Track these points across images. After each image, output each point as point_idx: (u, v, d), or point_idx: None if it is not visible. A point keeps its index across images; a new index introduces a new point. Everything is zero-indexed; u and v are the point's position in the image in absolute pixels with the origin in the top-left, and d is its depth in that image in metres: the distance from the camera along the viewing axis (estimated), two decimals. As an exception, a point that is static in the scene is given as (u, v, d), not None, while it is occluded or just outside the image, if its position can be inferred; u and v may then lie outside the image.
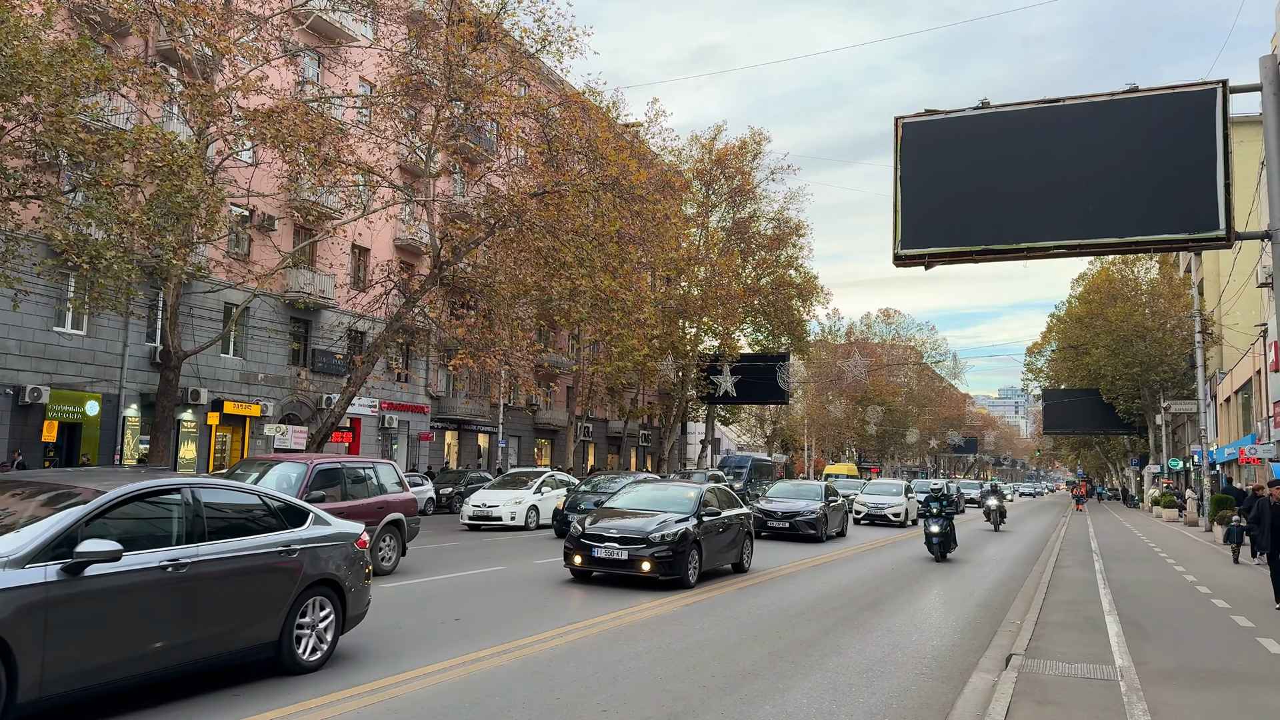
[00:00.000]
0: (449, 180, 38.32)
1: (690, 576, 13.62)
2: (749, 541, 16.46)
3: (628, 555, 13.28)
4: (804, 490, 26.16)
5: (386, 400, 37.77)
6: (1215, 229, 16.75)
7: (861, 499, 33.46)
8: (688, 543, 13.62)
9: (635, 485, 16.98)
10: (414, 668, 8.05)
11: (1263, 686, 8.04)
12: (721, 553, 15.10)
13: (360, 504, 14.09)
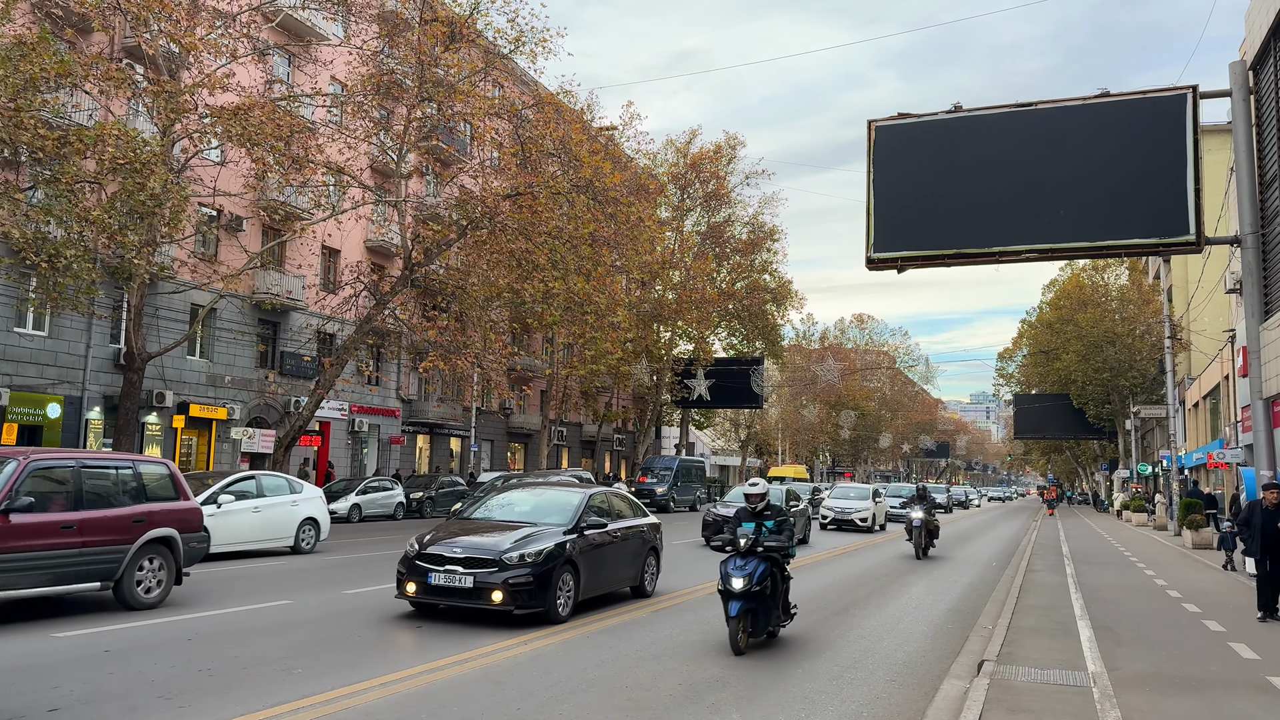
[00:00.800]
0: (421, 181, 37.97)
1: (561, 608, 10.62)
2: (654, 559, 13.47)
3: (474, 582, 10.13)
4: (773, 493, 25.57)
5: (357, 403, 37.34)
6: (1185, 234, 16.87)
7: (828, 503, 32.74)
8: (558, 563, 10.58)
9: (506, 490, 13.53)
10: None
11: (1236, 692, 7.96)
12: (612, 574, 12.18)
13: (102, 515, 10.61)
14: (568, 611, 10.80)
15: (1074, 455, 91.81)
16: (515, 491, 13.15)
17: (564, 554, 10.75)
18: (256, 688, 7.41)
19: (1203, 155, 17.61)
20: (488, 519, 11.87)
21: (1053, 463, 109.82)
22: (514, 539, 10.69)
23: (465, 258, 30.11)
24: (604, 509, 12.32)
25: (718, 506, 24.87)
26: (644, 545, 13.03)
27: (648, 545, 13.16)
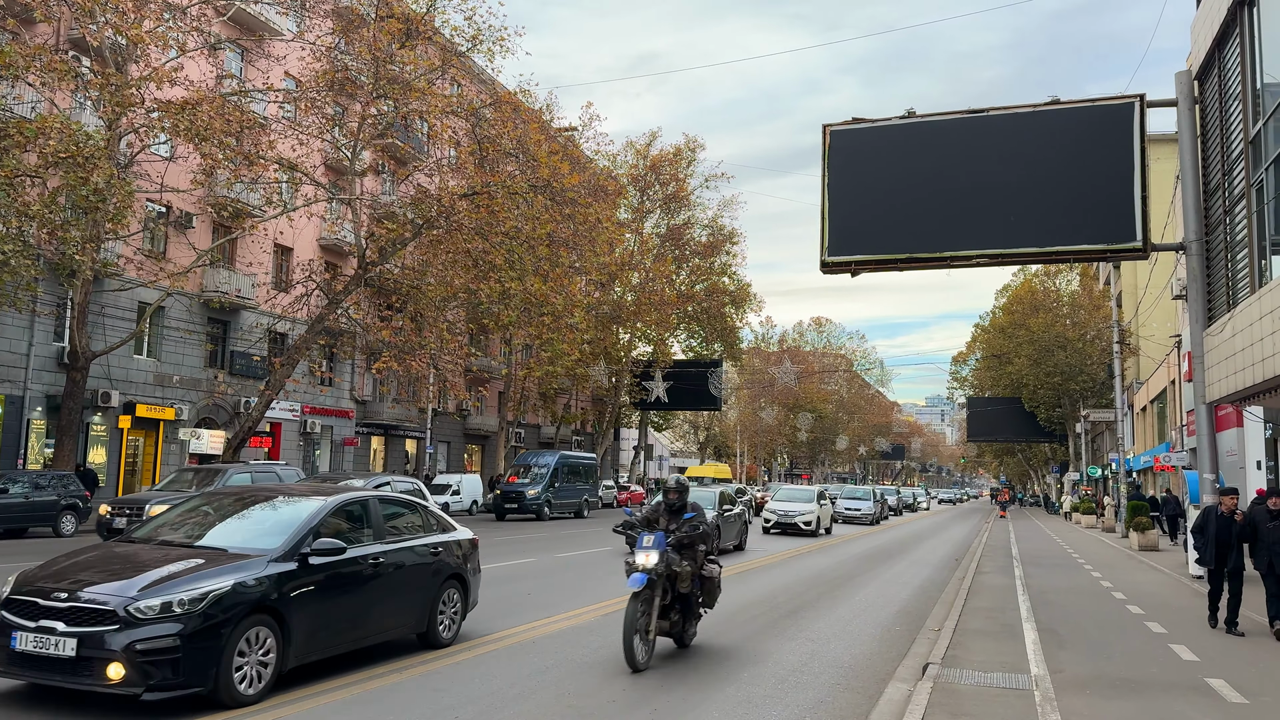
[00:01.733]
0: (376, 179, 37.56)
1: (243, 683, 6.89)
2: (459, 592, 9.66)
3: (76, 648, 6.43)
4: (703, 498, 21.41)
5: (309, 404, 36.80)
6: (1132, 240, 17.13)
7: (772, 506, 31.35)
8: (236, 614, 6.85)
9: (213, 495, 9.37)
10: None
11: (1174, 695, 8.05)
12: (370, 620, 8.33)
13: None
14: (262, 686, 7.06)
15: (1025, 458, 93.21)
16: (216, 498, 9.04)
17: (251, 598, 6.97)
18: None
19: (1150, 163, 17.90)
20: (156, 540, 7.93)
21: (1005, 465, 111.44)
22: (157, 576, 6.84)
23: (421, 257, 29.84)
24: (359, 524, 8.60)
25: None
26: (435, 575, 9.27)
27: (443, 575, 9.40)
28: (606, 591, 13.55)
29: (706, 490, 23.22)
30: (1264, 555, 11.25)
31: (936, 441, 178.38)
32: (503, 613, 11.39)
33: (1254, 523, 11.41)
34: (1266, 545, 11.21)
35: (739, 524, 22.95)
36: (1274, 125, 14.39)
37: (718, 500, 21.52)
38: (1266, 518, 11.24)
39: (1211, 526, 11.88)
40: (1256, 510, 11.49)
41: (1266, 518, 11.24)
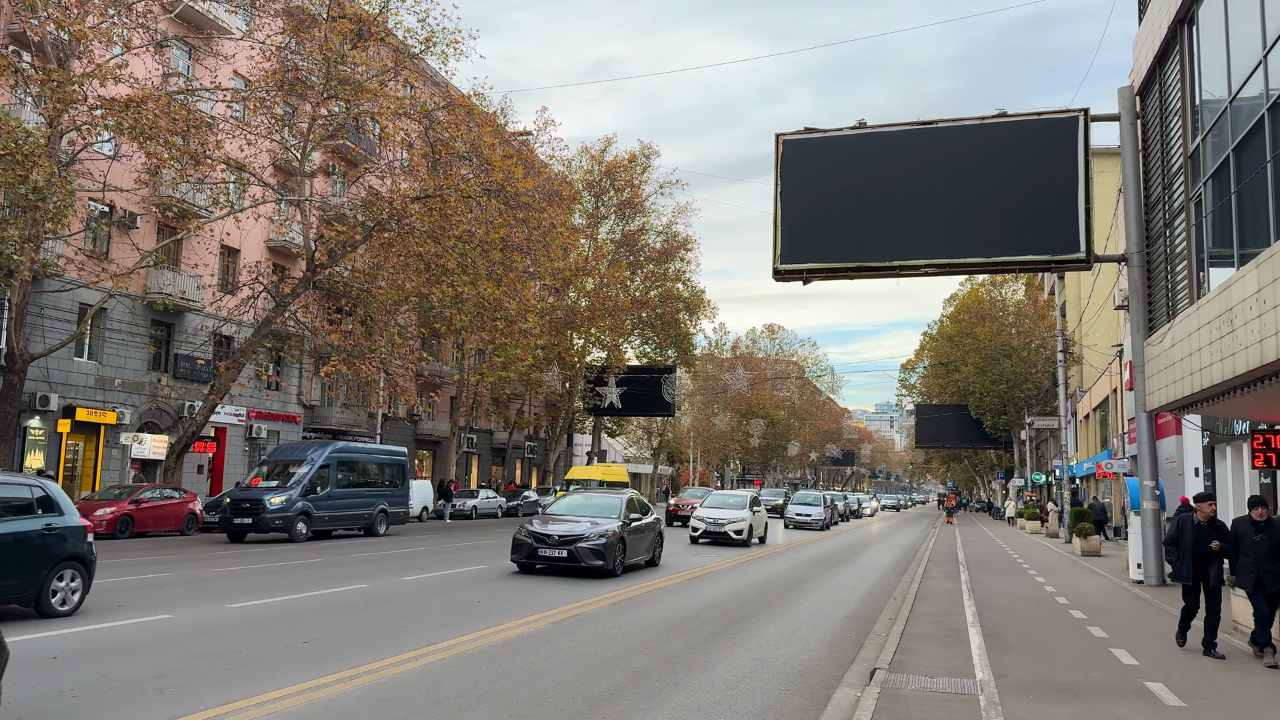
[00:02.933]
0: (326, 180, 37.07)
1: None
2: None
3: None
4: (598, 505, 18.64)
5: (255, 409, 36.16)
6: (1076, 251, 17.49)
7: (700, 513, 28.44)
8: None
9: None
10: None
11: (1115, 698, 8.20)
12: None
13: None
14: None
15: (972, 464, 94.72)
16: None
17: None
18: (122, 711, 7.00)
19: (1094, 176, 18.31)
20: None
21: (952, 471, 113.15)
22: None
23: (371, 260, 29.54)
24: None
25: (535, 522, 17.76)
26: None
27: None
28: None
29: (611, 497, 19.31)
30: (1249, 571, 10.21)
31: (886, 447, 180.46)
32: (451, 621, 11.26)
33: (1236, 536, 10.46)
34: (1253, 559, 10.17)
35: (651, 535, 19.37)
36: (1212, 140, 14.79)
37: (624, 508, 18.20)
38: (1250, 529, 10.24)
39: (1188, 538, 10.82)
40: (1238, 521, 10.57)
41: (1250, 529, 10.24)
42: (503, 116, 41.61)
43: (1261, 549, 10.10)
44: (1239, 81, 13.39)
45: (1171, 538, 11.20)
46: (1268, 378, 11.77)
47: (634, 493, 20.03)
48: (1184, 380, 14.87)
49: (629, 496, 19.09)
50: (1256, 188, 12.71)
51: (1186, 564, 10.84)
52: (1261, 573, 10.07)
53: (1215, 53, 14.65)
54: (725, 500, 30.06)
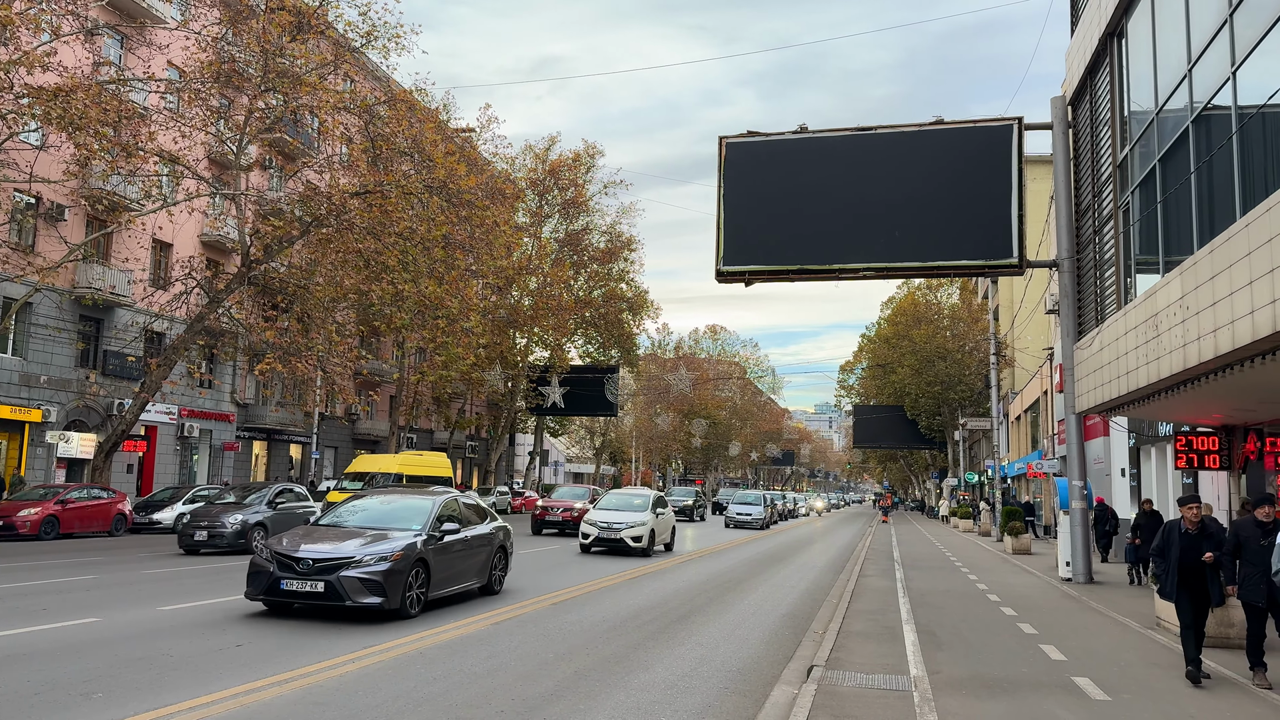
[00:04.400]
0: (263, 174, 36.35)
1: None
2: None
3: None
4: (391, 512, 13.02)
5: (187, 407, 35.34)
6: (1009, 257, 17.91)
7: (592, 516, 23.92)
8: None
9: None
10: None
11: (1043, 693, 8.42)
12: None
13: None
14: None
15: (907, 464, 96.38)
16: None
17: None
18: (49, 719, 6.80)
19: (1027, 183, 18.79)
20: None
21: (888, 471, 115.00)
22: None
23: (309, 256, 29.03)
24: None
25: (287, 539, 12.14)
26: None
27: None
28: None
29: (418, 500, 13.38)
30: (1257, 582, 8.79)
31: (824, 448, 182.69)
32: (389, 622, 11.13)
33: (1237, 541, 9.10)
34: (1259, 569, 8.73)
35: (484, 553, 13.85)
36: (1140, 150, 15.26)
37: (431, 516, 12.63)
38: (1255, 533, 8.92)
39: (1175, 549, 9.38)
40: (1240, 524, 9.26)
41: (1255, 533, 8.92)
42: (445, 113, 41.23)
43: (1271, 556, 8.39)
44: (1165, 94, 13.84)
45: (1158, 548, 9.72)
46: (1191, 381, 12.19)
47: (456, 494, 14.46)
48: (1112, 383, 15.32)
49: (444, 499, 13.48)
50: (1181, 197, 13.15)
51: (1172, 578, 9.36)
52: (1272, 586, 8.59)
53: (1143, 65, 15.11)
54: (624, 500, 25.35)
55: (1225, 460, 16.63)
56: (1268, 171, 10.46)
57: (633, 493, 26.49)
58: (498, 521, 14.84)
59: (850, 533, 43.81)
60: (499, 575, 14.49)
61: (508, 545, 15.02)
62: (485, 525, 14.30)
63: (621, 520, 23.42)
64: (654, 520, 24.11)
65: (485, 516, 14.58)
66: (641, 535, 23.16)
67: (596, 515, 23.96)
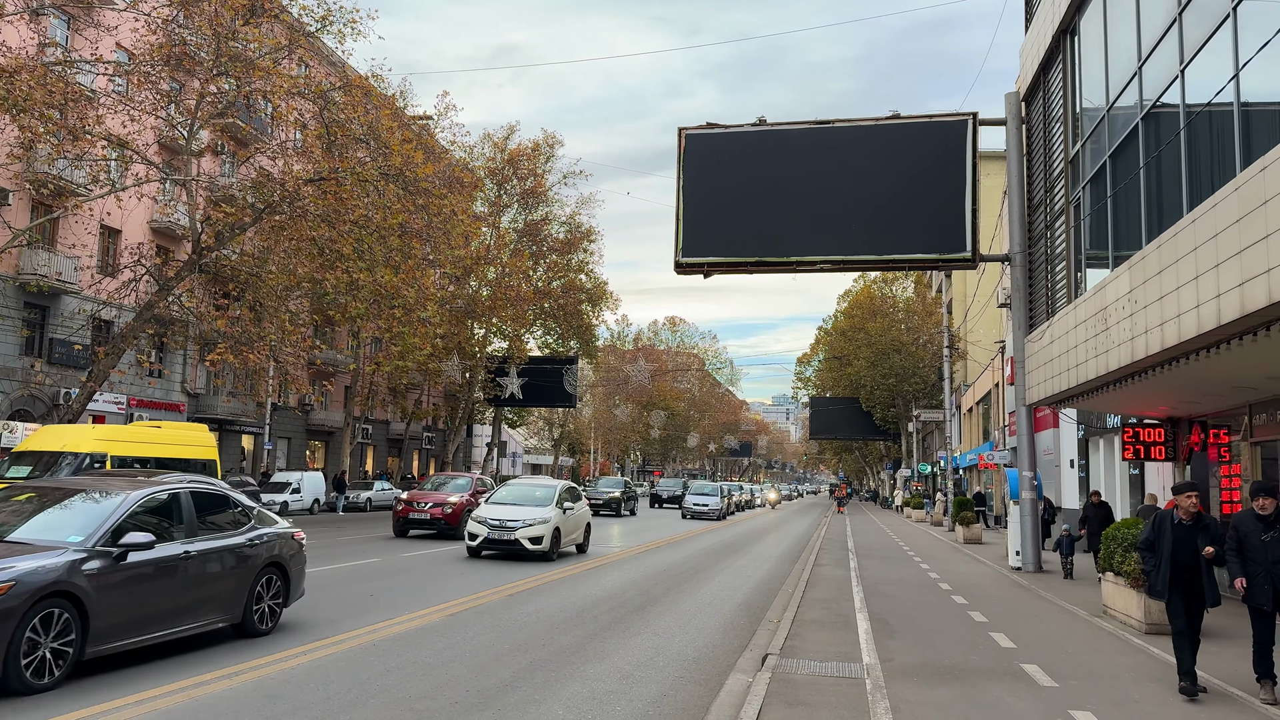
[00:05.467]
0: (214, 160, 35.69)
1: None
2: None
3: None
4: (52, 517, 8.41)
5: (135, 397, 34.65)
6: (963, 251, 18.14)
7: (482, 513, 19.48)
8: None
9: None
10: (128, 695, 6.96)
11: (993, 680, 8.56)
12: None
13: None
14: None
15: (862, 455, 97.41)
16: None
17: None
18: (-13, 712, 6.61)
19: (981, 178, 19.02)
20: None
21: (844, 462, 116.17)
22: None
23: (262, 243, 28.56)
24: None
25: None
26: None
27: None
28: (453, 590, 13.29)
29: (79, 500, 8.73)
30: (1261, 582, 7.91)
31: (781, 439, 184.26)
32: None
33: (1239, 536, 8.11)
34: (1263, 566, 7.88)
35: (236, 577, 9.55)
36: (1091, 146, 15.52)
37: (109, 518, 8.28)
38: (1257, 527, 8.00)
39: (1166, 542, 8.41)
40: (1240, 518, 8.31)
41: (1257, 527, 8.00)
42: (402, 99, 40.72)
43: (1274, 552, 7.84)
44: (1116, 91, 14.09)
45: (1147, 541, 8.71)
46: (1138, 374, 12.44)
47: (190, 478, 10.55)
48: (1061, 376, 15.59)
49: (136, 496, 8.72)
50: (1130, 193, 13.41)
51: (1163, 574, 8.40)
52: (1278, 582, 7.83)
53: (1095, 63, 15.37)
54: (523, 492, 20.85)
55: (1170, 452, 17.02)
56: (1214, 169, 10.69)
57: (535, 483, 22.25)
58: (276, 526, 10.47)
59: (806, 523, 44.20)
60: (266, 609, 9.90)
61: (286, 562, 10.28)
62: (239, 534, 9.74)
63: (518, 518, 19.01)
64: (559, 517, 19.71)
65: (243, 522, 9.96)
66: (542, 535, 18.77)
67: (487, 512, 19.50)
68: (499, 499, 20.62)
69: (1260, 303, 8.22)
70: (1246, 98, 9.78)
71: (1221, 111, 10.35)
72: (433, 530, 24.32)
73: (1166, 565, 8.36)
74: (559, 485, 21.24)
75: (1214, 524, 8.45)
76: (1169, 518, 8.49)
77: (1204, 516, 8.43)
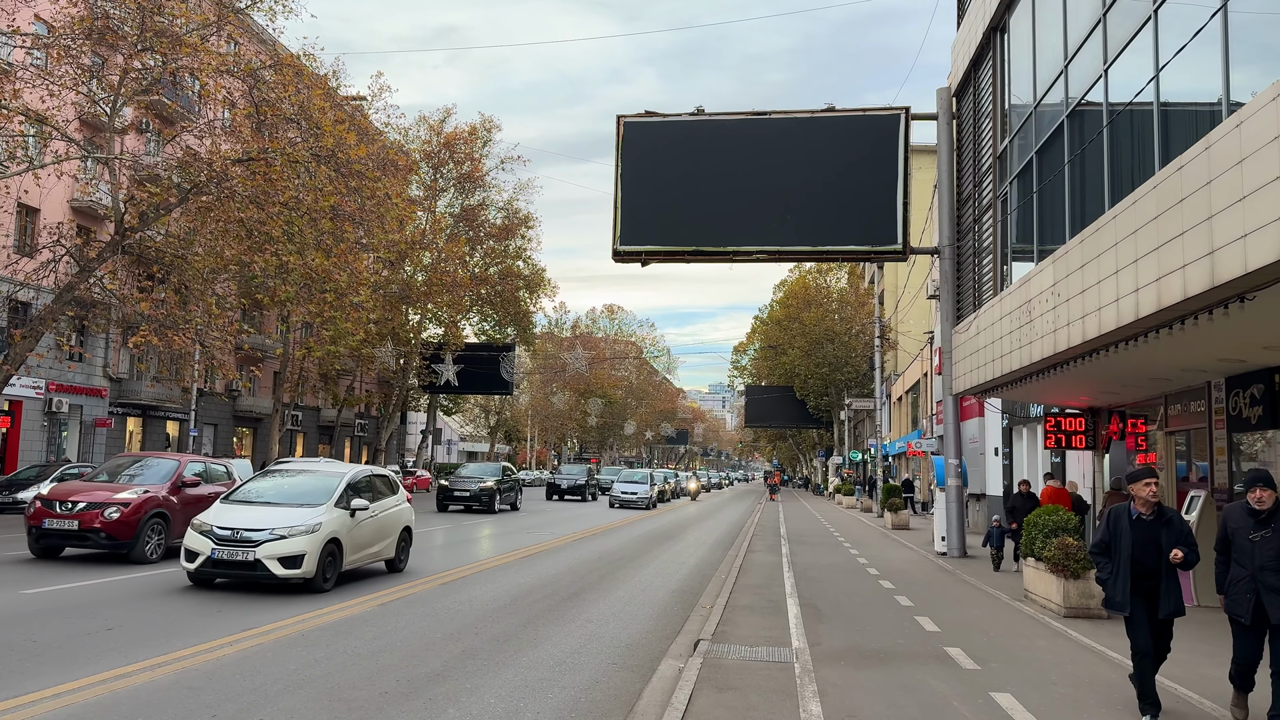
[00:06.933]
0: (139, 138, 34.61)
1: None
2: None
3: None
4: None
5: (55, 381, 33.52)
6: (894, 243, 18.44)
7: (208, 518, 12.55)
8: None
9: None
10: (44, 689, 6.75)
11: (918, 663, 8.77)
12: None
13: None
14: None
15: (796, 443, 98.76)
16: None
17: None
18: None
19: (913, 172, 19.33)
20: None
21: (778, 450, 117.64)
22: None
23: (188, 225, 27.84)
24: None
25: None
26: None
27: None
28: (384, 579, 13.13)
29: None
30: (1245, 588, 6.54)
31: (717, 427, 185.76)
32: (271, 604, 10.83)
33: (1227, 533, 6.79)
34: (1249, 571, 6.53)
35: None
36: (1019, 143, 15.89)
37: None
38: (1246, 523, 6.65)
39: (1125, 543, 6.94)
40: (1230, 511, 6.89)
41: (1246, 523, 6.65)
42: (335, 79, 39.92)
43: (1265, 553, 6.47)
44: (1044, 89, 14.44)
45: (1100, 544, 7.16)
46: (1060, 365, 12.81)
47: None
48: (987, 366, 15.98)
49: None
50: (1055, 189, 13.77)
51: (1122, 583, 6.92)
52: (1263, 591, 6.42)
53: (1024, 60, 15.72)
54: (289, 485, 13.83)
55: (1090, 440, 17.58)
56: (1135, 166, 11.03)
57: (310, 468, 14.54)
58: None
59: (740, 510, 44.65)
60: None
61: None
62: None
63: (264, 524, 12.19)
64: (339, 522, 12.80)
65: None
66: (301, 553, 12.02)
67: (216, 516, 12.54)
68: (243, 495, 13.48)
69: (1176, 297, 8.52)
70: (1166, 98, 10.11)
71: (1142, 111, 10.68)
72: (91, 546, 14.66)
73: (1126, 571, 6.89)
74: (347, 473, 13.88)
75: (1177, 517, 7.05)
76: (1125, 513, 7.03)
77: (1166, 510, 7.04)
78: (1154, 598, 6.89)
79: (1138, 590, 6.91)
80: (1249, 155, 7.29)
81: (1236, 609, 6.63)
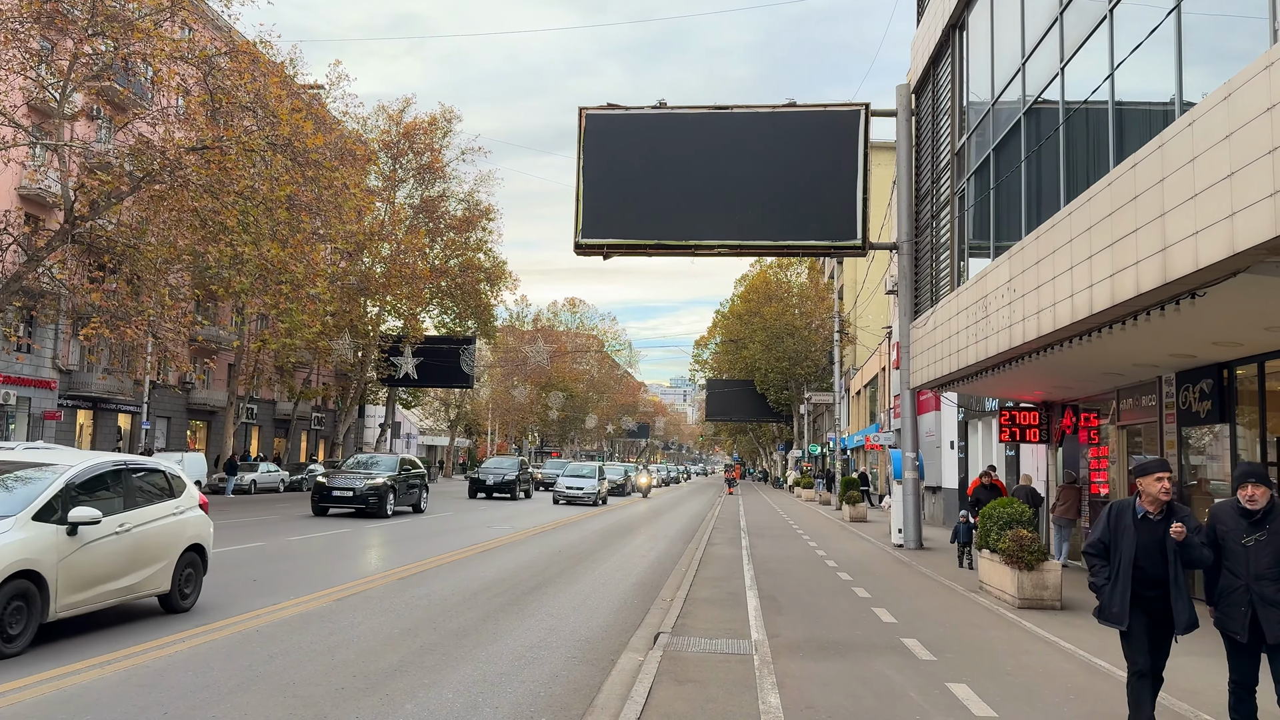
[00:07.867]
0: (89, 125, 33.86)
1: None
2: None
3: None
4: None
5: (3, 373, 32.73)
6: (853, 238, 18.58)
7: None
8: None
9: None
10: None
11: (874, 654, 8.85)
12: None
13: None
14: None
15: (756, 436, 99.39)
16: None
17: None
18: None
19: (872, 168, 19.48)
20: None
21: (738, 443, 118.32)
22: None
23: (140, 214, 27.35)
24: None
25: None
26: None
27: None
28: (342, 573, 13.02)
29: None
30: (1239, 598, 5.69)
31: (679, 420, 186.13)
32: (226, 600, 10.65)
33: (1216, 535, 5.87)
34: (1243, 579, 5.68)
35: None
36: (976, 140, 16.07)
37: None
38: (1239, 524, 5.78)
39: (1127, 545, 5.90)
40: (1219, 510, 5.98)
41: (1239, 524, 5.78)
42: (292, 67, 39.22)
43: (1260, 560, 5.67)
44: (1001, 86, 14.61)
45: (1098, 543, 6.08)
46: (1015, 360, 12.99)
47: None
48: (944, 360, 16.15)
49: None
50: (1011, 186, 13.94)
51: (1120, 592, 5.90)
52: (1259, 604, 5.60)
53: (982, 58, 15.89)
54: None
55: (1044, 434, 17.85)
56: (1089, 164, 11.20)
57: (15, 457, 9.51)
58: None
59: (701, 503, 44.79)
60: None
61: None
62: None
63: None
64: (40, 544, 8.07)
65: None
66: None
67: None
68: None
69: (1129, 293, 8.66)
70: (1120, 97, 10.27)
71: (1097, 109, 10.84)
72: None
73: (1127, 578, 5.86)
74: (70, 468, 8.94)
75: (1190, 517, 5.92)
76: (1129, 511, 5.98)
77: (1178, 509, 5.95)
78: (1157, 611, 5.87)
79: (1138, 601, 5.86)
80: (1200, 154, 7.42)
81: (1230, 625, 5.75)
